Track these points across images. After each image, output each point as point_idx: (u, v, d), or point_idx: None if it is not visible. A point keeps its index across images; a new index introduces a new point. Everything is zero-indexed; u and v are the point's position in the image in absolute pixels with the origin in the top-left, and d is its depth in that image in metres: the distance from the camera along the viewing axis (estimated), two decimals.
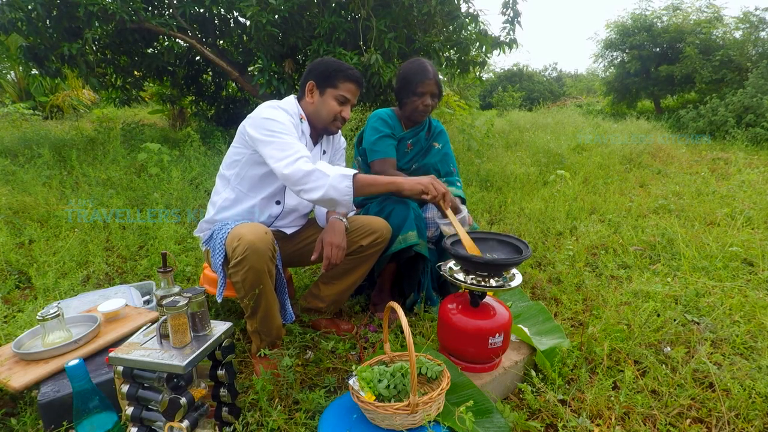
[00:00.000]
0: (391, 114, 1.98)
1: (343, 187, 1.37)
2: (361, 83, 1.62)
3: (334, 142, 1.82)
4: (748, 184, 3.94)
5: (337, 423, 1.19)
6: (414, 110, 1.90)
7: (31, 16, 4.57)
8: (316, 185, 1.37)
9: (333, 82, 1.57)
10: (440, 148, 2.05)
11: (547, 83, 21.58)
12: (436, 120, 2.12)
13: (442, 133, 2.08)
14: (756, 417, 1.27)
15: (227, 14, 5.69)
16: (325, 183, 1.37)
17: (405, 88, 1.89)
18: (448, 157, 2.08)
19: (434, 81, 1.86)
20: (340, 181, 1.37)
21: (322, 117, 1.61)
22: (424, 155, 2.02)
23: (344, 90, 1.58)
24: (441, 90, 1.91)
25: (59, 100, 9.28)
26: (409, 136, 1.98)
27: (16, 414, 1.28)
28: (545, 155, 5.19)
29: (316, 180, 1.37)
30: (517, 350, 1.53)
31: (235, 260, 1.36)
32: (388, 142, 1.89)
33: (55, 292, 2.01)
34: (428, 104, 1.88)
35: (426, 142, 2.03)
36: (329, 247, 1.54)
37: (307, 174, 1.38)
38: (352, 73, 1.59)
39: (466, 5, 5.30)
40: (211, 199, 1.66)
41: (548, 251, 2.63)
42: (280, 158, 1.41)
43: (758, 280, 2.14)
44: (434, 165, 2.03)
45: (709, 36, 11.21)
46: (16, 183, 3.49)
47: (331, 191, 1.37)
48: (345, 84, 1.58)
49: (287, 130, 1.46)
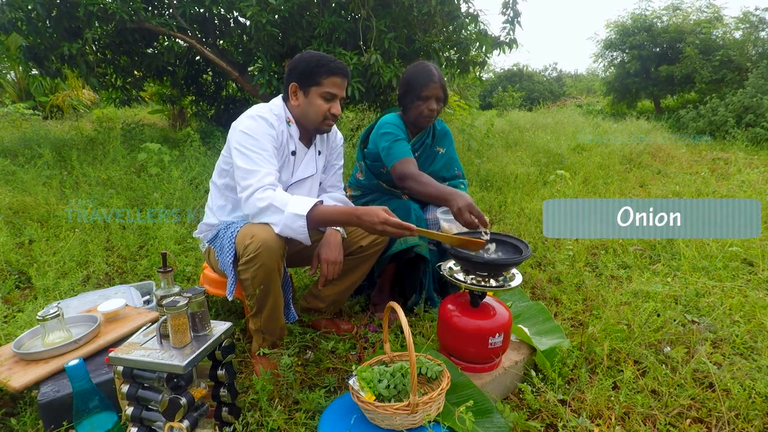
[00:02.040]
0: (399, 120, 1.91)
1: (297, 226, 1.33)
2: (346, 74, 1.52)
3: (329, 141, 1.76)
4: (748, 184, 3.94)
5: (337, 423, 1.19)
6: (419, 115, 1.84)
7: (31, 16, 4.56)
8: (272, 220, 1.35)
9: (316, 79, 1.48)
10: (444, 153, 2.00)
11: (547, 83, 21.56)
12: (440, 121, 2.06)
13: (446, 136, 2.03)
14: (756, 417, 1.27)
15: (227, 14, 5.68)
16: (279, 220, 1.34)
17: (409, 93, 1.83)
18: (453, 160, 2.04)
19: (439, 84, 1.80)
20: (294, 221, 1.32)
21: (311, 118, 1.54)
22: (430, 162, 1.97)
23: (329, 86, 1.49)
24: (447, 94, 1.86)
25: (59, 100, 9.28)
26: (417, 145, 1.94)
27: (16, 414, 1.28)
28: (545, 155, 5.19)
29: (272, 215, 1.35)
30: (517, 350, 1.53)
31: (247, 257, 1.34)
32: (404, 144, 1.82)
33: (55, 292, 2.01)
34: (434, 108, 1.82)
35: (430, 149, 1.98)
36: (325, 265, 1.54)
37: (261, 210, 1.36)
38: (335, 65, 1.49)
39: (466, 5, 5.29)
40: (207, 205, 1.65)
41: (548, 251, 2.63)
42: (243, 187, 1.40)
43: (758, 280, 2.14)
44: (438, 171, 1.97)
45: (709, 36, 11.21)
46: (16, 183, 3.49)
47: (286, 229, 1.34)
48: (329, 79, 1.48)
49: (260, 146, 1.43)
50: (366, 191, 2.03)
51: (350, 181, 2.13)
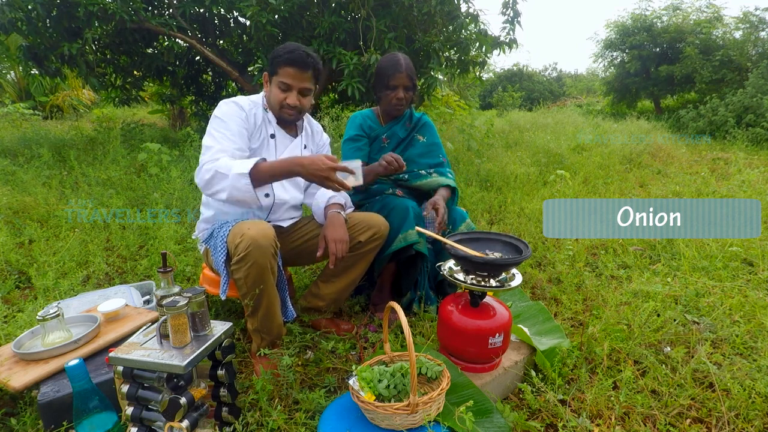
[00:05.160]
0: (368, 114, 2.04)
1: (242, 185, 1.32)
2: (304, 64, 1.51)
3: (315, 137, 1.80)
4: (748, 184, 3.94)
5: (337, 423, 1.19)
6: (389, 104, 1.93)
7: (31, 16, 4.57)
8: (220, 188, 1.36)
9: (274, 68, 1.54)
10: (425, 141, 2.06)
11: (547, 83, 21.56)
12: (421, 113, 2.13)
13: (426, 125, 2.09)
14: (756, 417, 1.28)
15: (227, 14, 5.69)
16: (226, 185, 1.34)
17: (379, 83, 1.93)
18: (436, 146, 2.08)
19: (405, 74, 1.87)
20: (238, 180, 1.31)
21: (272, 106, 1.59)
22: (405, 148, 2.03)
23: (283, 76, 1.52)
24: (414, 83, 1.93)
25: (59, 100, 9.29)
26: (383, 131, 2.01)
27: (16, 414, 1.28)
28: (545, 155, 5.19)
29: (218, 183, 1.35)
30: (517, 350, 1.53)
31: (238, 257, 1.35)
32: (349, 146, 1.97)
33: (55, 292, 2.01)
34: (401, 97, 1.90)
35: (406, 134, 2.04)
36: (333, 244, 1.54)
37: (209, 181, 1.37)
38: (291, 56, 1.49)
39: (466, 5, 5.30)
40: (203, 200, 1.66)
41: (548, 251, 2.63)
42: (199, 163, 1.43)
43: (758, 280, 2.14)
44: (418, 157, 2.03)
45: (709, 36, 11.22)
46: (16, 183, 3.49)
47: (234, 191, 1.33)
48: (284, 69, 1.51)
49: (224, 126, 1.47)
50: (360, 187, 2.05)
51: None
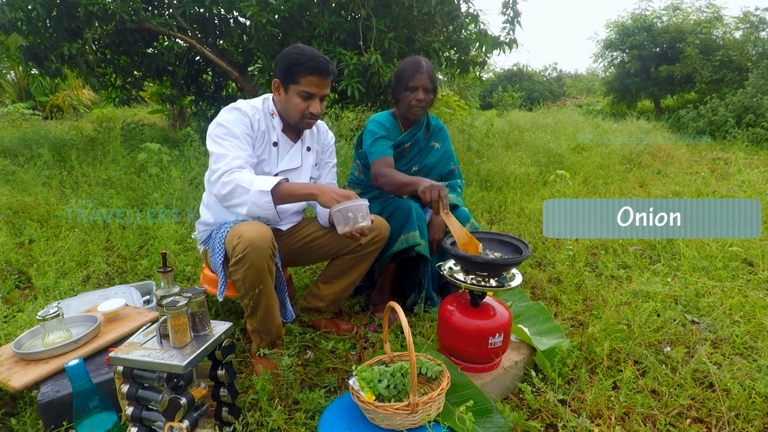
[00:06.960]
0: (388, 117, 1.96)
1: (263, 203, 1.34)
2: (326, 72, 1.50)
3: (320, 138, 1.78)
4: (748, 184, 3.94)
5: (337, 423, 1.19)
6: (408, 106, 1.86)
7: (31, 15, 4.56)
8: (240, 201, 1.37)
9: (294, 77, 1.49)
10: (439, 147, 2.04)
11: (547, 83, 21.56)
12: (435, 118, 2.09)
13: (441, 131, 2.06)
14: (756, 417, 1.28)
15: (227, 14, 5.69)
16: (246, 200, 1.35)
17: (398, 84, 1.87)
18: (449, 154, 2.07)
19: (427, 75, 1.83)
20: (260, 198, 1.34)
21: (291, 115, 1.56)
22: (424, 156, 2.01)
23: (306, 85, 1.49)
24: (435, 85, 1.88)
25: (59, 100, 9.29)
26: (407, 138, 1.96)
27: (16, 414, 1.28)
28: (545, 155, 5.19)
29: (239, 197, 1.37)
30: (517, 350, 1.53)
31: (236, 258, 1.36)
32: (383, 143, 1.87)
33: (55, 292, 2.01)
34: (421, 99, 1.84)
35: (425, 142, 2.01)
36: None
37: (228, 194, 1.37)
38: (313, 64, 1.47)
39: (466, 5, 5.30)
40: (203, 202, 1.65)
41: (548, 251, 2.63)
42: (212, 171, 1.42)
43: (758, 280, 2.14)
44: (434, 165, 2.01)
45: (709, 36, 11.22)
46: (16, 183, 3.49)
47: (255, 208, 1.36)
48: (306, 78, 1.48)
49: (231, 134, 1.45)
50: (366, 188, 2.04)
51: (350, 180, 2.13)
